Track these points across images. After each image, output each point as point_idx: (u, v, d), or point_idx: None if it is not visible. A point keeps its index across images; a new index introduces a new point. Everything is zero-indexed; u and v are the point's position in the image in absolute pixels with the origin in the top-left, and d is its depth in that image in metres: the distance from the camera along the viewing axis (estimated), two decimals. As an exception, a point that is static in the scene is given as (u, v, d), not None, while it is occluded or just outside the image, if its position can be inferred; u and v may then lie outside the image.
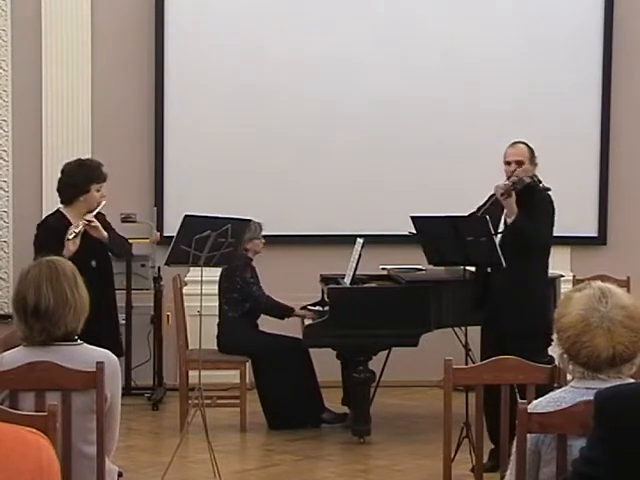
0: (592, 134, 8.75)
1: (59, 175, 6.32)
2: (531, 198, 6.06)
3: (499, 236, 6.07)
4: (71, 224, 6.03)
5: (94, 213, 6.10)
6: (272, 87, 8.51)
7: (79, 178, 6.14)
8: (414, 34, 8.58)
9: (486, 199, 6.23)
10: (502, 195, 5.99)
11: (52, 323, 3.59)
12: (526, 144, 6.21)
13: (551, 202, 6.15)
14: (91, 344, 3.73)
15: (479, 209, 6.25)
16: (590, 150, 8.75)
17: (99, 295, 5.78)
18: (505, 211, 6.05)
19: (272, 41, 8.51)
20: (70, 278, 3.66)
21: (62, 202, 6.25)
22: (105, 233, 6.09)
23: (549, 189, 6.17)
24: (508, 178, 6.12)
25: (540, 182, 6.17)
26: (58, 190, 6.29)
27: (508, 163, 6.17)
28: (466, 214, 6.40)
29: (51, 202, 8.21)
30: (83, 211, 6.12)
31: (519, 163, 6.12)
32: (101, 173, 6.19)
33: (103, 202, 6.19)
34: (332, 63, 8.53)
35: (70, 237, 5.91)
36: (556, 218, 6.21)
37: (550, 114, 8.64)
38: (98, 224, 6.06)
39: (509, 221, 6.02)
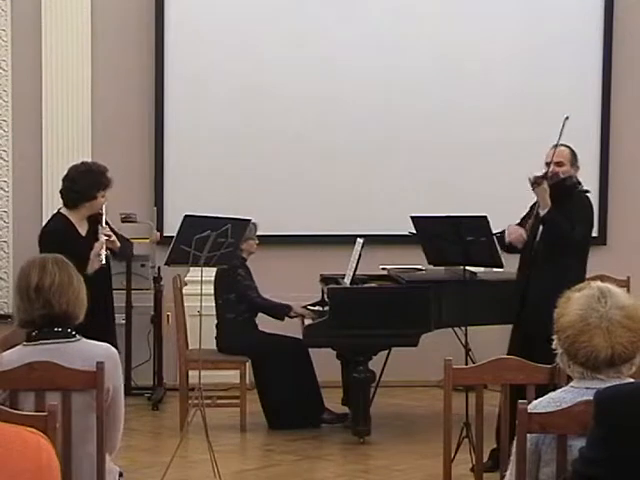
0: (592, 134, 8.75)
1: (62, 177, 6.29)
2: (569, 198, 5.97)
3: (537, 237, 6.00)
4: (73, 226, 6.02)
5: (105, 227, 6.08)
6: (272, 87, 8.51)
7: (84, 186, 6.10)
8: (414, 34, 8.58)
9: (529, 208, 6.15)
10: (532, 185, 5.92)
11: (55, 297, 3.59)
12: (569, 147, 6.11)
13: (590, 204, 6.09)
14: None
15: (523, 219, 6.18)
16: (590, 150, 8.74)
17: (100, 296, 5.82)
18: (537, 204, 5.95)
19: (272, 41, 8.51)
20: (75, 271, 3.73)
21: (65, 205, 6.22)
22: (118, 244, 6.18)
23: (588, 191, 6.12)
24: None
25: (579, 184, 6.10)
26: (61, 192, 6.26)
27: (547, 164, 6.09)
28: (467, 214, 6.39)
29: (51, 202, 8.23)
30: (86, 214, 6.14)
31: (559, 164, 6.04)
32: (107, 180, 6.16)
33: (104, 205, 6.19)
34: (332, 63, 8.52)
35: (101, 261, 5.98)
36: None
37: (550, 114, 8.62)
38: (114, 238, 6.15)
39: (542, 213, 5.91)
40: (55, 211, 6.43)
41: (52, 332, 3.65)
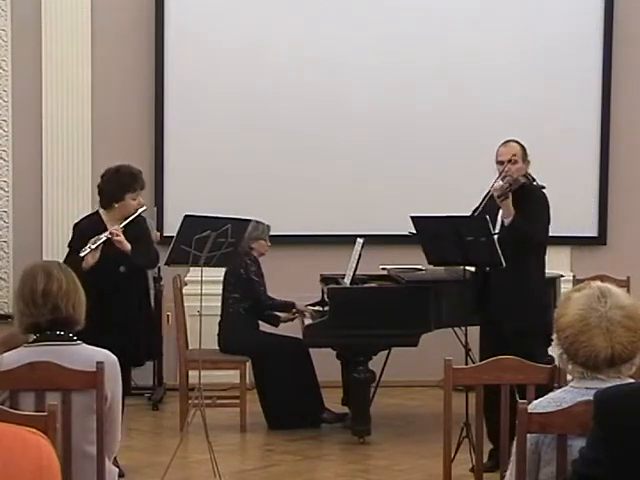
0: (592, 134, 8.75)
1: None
2: (527, 197, 6.04)
3: (496, 236, 6.07)
4: (105, 228, 5.98)
5: (123, 223, 6.00)
6: (272, 87, 8.51)
7: (113, 186, 6.06)
8: (415, 36, 8.58)
9: (481, 200, 6.22)
10: (499, 197, 5.96)
11: (62, 302, 3.61)
12: (518, 142, 6.16)
13: (546, 200, 6.14)
14: (126, 350, 3.77)
15: (475, 211, 6.23)
16: (590, 150, 8.75)
17: (127, 302, 5.81)
18: (501, 212, 6.04)
19: (272, 41, 8.52)
20: (76, 277, 3.72)
21: (100, 204, 6.21)
22: (128, 246, 5.93)
23: (544, 187, 6.15)
24: (502, 178, 6.10)
25: (534, 180, 6.16)
26: (98, 193, 6.24)
27: (501, 162, 6.13)
28: (466, 214, 6.40)
29: (51, 202, 8.24)
30: (118, 217, 6.03)
31: (513, 162, 6.09)
32: (136, 182, 6.06)
33: (142, 208, 6.11)
34: (332, 64, 8.53)
35: (83, 253, 5.82)
36: (556, 218, 6.20)
37: (550, 114, 8.64)
38: (121, 238, 5.92)
39: (506, 222, 6.00)
40: (95, 210, 6.38)
41: (54, 335, 3.66)
